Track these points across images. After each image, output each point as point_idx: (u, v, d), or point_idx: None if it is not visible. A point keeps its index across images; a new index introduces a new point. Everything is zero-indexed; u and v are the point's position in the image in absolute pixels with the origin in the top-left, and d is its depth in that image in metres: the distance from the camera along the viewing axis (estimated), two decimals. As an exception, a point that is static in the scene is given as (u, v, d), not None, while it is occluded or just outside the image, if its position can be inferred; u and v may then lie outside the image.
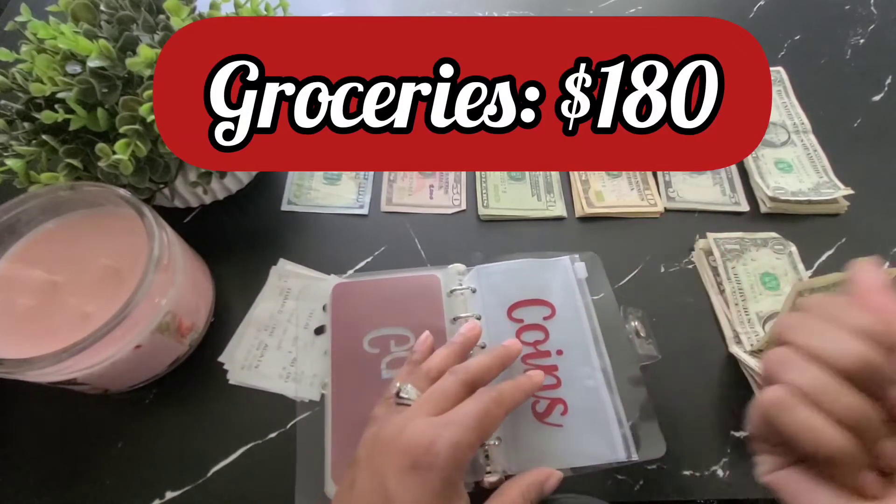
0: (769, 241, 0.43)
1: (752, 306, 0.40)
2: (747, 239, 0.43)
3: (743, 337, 0.39)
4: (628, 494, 0.35)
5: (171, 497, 0.35)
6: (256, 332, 0.41)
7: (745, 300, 0.40)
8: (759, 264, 0.42)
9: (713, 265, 0.41)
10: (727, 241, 0.42)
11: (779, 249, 0.42)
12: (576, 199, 0.48)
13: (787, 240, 0.43)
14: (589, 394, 0.37)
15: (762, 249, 0.42)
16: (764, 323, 0.39)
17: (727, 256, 0.41)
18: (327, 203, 0.48)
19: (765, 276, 0.41)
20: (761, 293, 0.40)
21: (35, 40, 0.37)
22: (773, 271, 0.41)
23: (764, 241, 0.43)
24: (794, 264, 0.42)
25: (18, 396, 0.38)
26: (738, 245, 0.42)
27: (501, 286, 0.41)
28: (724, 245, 0.42)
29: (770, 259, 0.42)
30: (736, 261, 0.41)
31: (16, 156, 0.36)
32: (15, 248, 0.36)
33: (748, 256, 0.42)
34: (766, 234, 0.43)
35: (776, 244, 0.43)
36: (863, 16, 0.64)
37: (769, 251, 0.42)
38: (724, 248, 0.42)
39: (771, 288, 0.41)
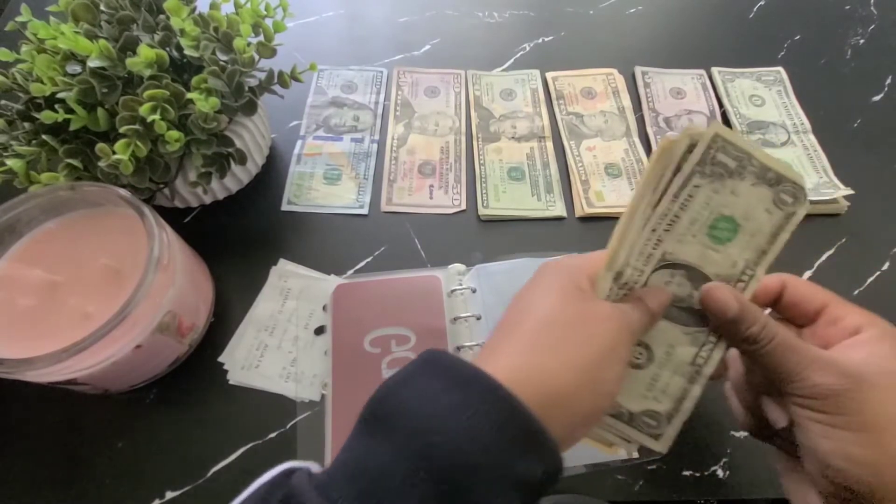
0: (785, 182, 0.25)
1: (668, 242, 0.26)
2: (755, 164, 0.25)
3: (628, 271, 0.26)
4: (628, 494, 0.35)
5: (171, 497, 0.35)
6: (256, 332, 0.41)
7: (669, 231, 0.26)
8: (733, 202, 0.25)
9: (681, 165, 0.25)
10: (726, 149, 0.25)
11: (782, 201, 0.25)
12: (576, 199, 0.48)
13: (806, 194, 0.25)
14: (589, 394, 0.37)
15: (761, 188, 0.25)
16: (659, 267, 0.26)
17: (704, 170, 0.25)
18: (327, 203, 0.48)
19: (723, 220, 0.26)
20: (695, 235, 0.26)
21: (35, 40, 0.37)
22: (742, 221, 0.26)
23: (777, 179, 0.25)
24: (778, 229, 0.26)
25: (18, 396, 0.38)
26: (736, 163, 0.25)
27: (501, 286, 0.41)
28: (718, 153, 0.24)
29: (757, 207, 0.25)
30: (710, 181, 0.25)
31: (16, 156, 0.36)
32: (15, 248, 0.36)
33: (731, 186, 0.25)
34: (790, 174, 0.25)
35: (788, 191, 0.25)
36: (863, 16, 0.64)
37: (767, 195, 0.25)
38: (715, 156, 0.25)
39: (713, 237, 0.26)
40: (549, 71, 0.58)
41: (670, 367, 0.27)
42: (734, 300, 0.25)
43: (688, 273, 0.26)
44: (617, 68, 0.58)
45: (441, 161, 0.51)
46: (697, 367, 0.27)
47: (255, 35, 0.40)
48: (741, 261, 0.26)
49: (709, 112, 0.55)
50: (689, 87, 0.57)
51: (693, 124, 0.22)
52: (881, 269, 0.45)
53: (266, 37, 0.40)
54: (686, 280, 0.26)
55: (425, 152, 0.51)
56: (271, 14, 0.41)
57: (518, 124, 0.53)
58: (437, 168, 0.50)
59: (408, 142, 0.52)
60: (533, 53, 0.60)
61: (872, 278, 0.45)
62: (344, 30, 0.61)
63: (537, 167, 0.50)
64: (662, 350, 0.27)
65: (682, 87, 0.57)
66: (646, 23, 0.63)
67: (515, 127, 0.53)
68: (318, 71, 0.56)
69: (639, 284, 0.26)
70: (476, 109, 0.54)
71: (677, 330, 0.27)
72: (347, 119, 0.53)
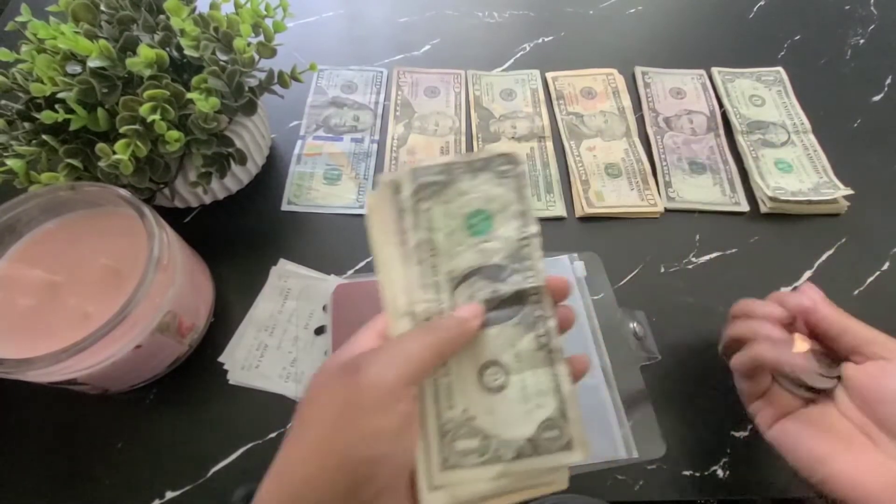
0: (493, 160, 0.27)
1: (443, 264, 0.26)
2: (459, 166, 0.27)
3: (420, 307, 0.25)
4: (628, 494, 0.35)
5: (170, 497, 0.35)
6: (256, 333, 0.41)
7: (436, 255, 0.26)
8: (468, 199, 0.27)
9: (400, 206, 0.26)
10: (428, 172, 0.26)
11: (504, 172, 0.27)
12: (576, 199, 0.48)
13: (519, 155, 0.27)
14: (589, 393, 0.37)
15: (480, 175, 0.27)
16: (456, 286, 0.26)
17: (421, 195, 0.26)
18: (327, 203, 0.48)
19: (473, 216, 0.27)
20: (461, 243, 0.26)
21: (35, 40, 0.37)
22: (487, 206, 0.27)
23: (486, 162, 0.27)
24: (520, 190, 0.27)
25: (18, 396, 0.38)
26: (444, 175, 0.26)
27: (501, 286, 0.41)
28: (423, 177, 0.26)
29: (489, 189, 0.27)
30: (435, 199, 0.26)
31: (16, 156, 0.36)
32: (15, 248, 0.36)
33: (455, 190, 0.26)
34: (489, 153, 0.27)
35: (502, 163, 0.27)
36: (863, 16, 0.64)
37: (489, 176, 0.27)
38: (422, 181, 0.26)
39: (477, 233, 0.26)
40: (549, 71, 0.58)
41: (527, 365, 0.25)
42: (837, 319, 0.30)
43: (481, 273, 0.26)
44: (617, 68, 0.58)
45: (441, 161, 0.51)
46: (545, 346, 0.25)
47: (255, 35, 0.40)
48: (512, 231, 0.26)
49: (709, 112, 0.55)
50: (689, 87, 0.57)
51: (388, 173, 0.24)
52: (881, 269, 0.45)
53: (266, 37, 0.40)
54: (483, 280, 0.26)
55: (425, 152, 0.51)
56: (271, 14, 0.41)
57: (518, 124, 0.53)
58: (437, 168, 0.50)
59: (408, 142, 0.52)
60: (533, 53, 0.60)
61: (872, 278, 0.45)
62: (344, 30, 0.61)
63: (537, 167, 0.50)
64: (510, 356, 0.25)
65: (682, 87, 0.57)
66: (646, 23, 0.63)
67: (515, 127, 0.53)
68: (318, 71, 0.56)
69: (446, 313, 0.25)
70: (476, 109, 0.54)
71: (508, 328, 0.26)
72: (347, 119, 0.53)
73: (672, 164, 0.51)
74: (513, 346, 0.25)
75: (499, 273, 0.26)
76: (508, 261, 0.26)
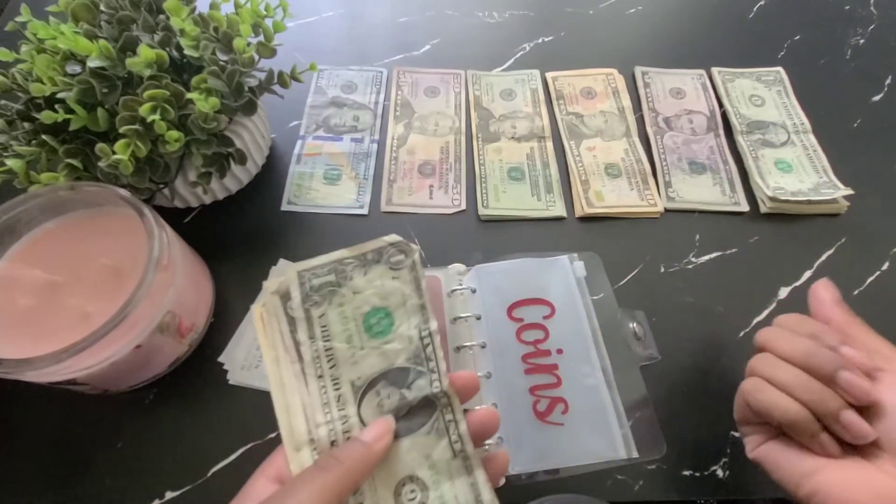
0: (385, 251, 0.25)
1: (346, 373, 0.24)
2: (350, 262, 0.25)
3: (322, 430, 0.23)
4: (628, 494, 0.35)
5: (170, 497, 0.35)
6: (256, 333, 0.41)
7: (337, 365, 0.24)
8: (364, 298, 0.25)
9: (291, 315, 0.24)
10: (316, 273, 0.24)
11: (397, 263, 0.25)
12: (576, 199, 0.48)
13: (411, 244, 0.26)
14: (589, 392, 0.37)
15: (374, 269, 0.25)
16: (361, 396, 0.24)
17: (313, 299, 0.24)
18: (327, 203, 0.48)
19: (371, 316, 0.25)
20: (363, 347, 0.25)
21: (35, 40, 0.37)
22: (385, 303, 0.25)
23: (377, 254, 0.25)
24: (416, 282, 0.25)
25: (18, 396, 0.38)
26: (334, 275, 0.24)
27: (501, 286, 0.41)
28: (312, 280, 0.24)
29: (384, 283, 0.25)
30: (328, 303, 0.24)
31: (16, 156, 0.36)
32: (15, 248, 0.36)
33: (348, 290, 0.25)
34: (380, 244, 0.25)
35: (394, 253, 0.25)
36: (863, 16, 0.64)
37: (383, 269, 0.25)
38: (312, 284, 0.24)
39: (378, 334, 0.25)
40: (549, 71, 0.58)
41: (444, 476, 0.24)
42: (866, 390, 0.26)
43: (387, 378, 0.24)
44: (617, 68, 0.58)
45: (441, 161, 0.51)
46: (461, 452, 0.24)
47: (255, 35, 0.40)
48: (413, 331, 0.25)
49: (709, 112, 0.55)
50: (689, 87, 0.57)
51: (273, 280, 0.22)
52: (881, 269, 0.45)
53: (266, 37, 0.40)
54: (390, 387, 0.24)
55: (425, 152, 0.51)
56: (271, 14, 0.41)
57: (518, 124, 0.53)
58: (436, 168, 0.50)
59: (408, 142, 0.52)
60: (533, 53, 0.60)
61: (872, 278, 0.45)
62: (344, 30, 0.61)
63: (537, 167, 0.50)
64: (425, 469, 0.24)
65: (682, 87, 0.57)
66: (646, 23, 0.63)
67: (515, 127, 0.53)
68: (317, 71, 0.56)
69: (354, 429, 0.23)
70: (476, 109, 0.54)
71: (420, 438, 0.24)
72: (347, 119, 0.53)
73: (672, 164, 0.51)
74: (427, 457, 0.24)
75: (404, 378, 0.24)
76: (412, 363, 0.25)
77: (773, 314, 0.43)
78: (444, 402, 0.24)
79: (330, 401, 0.24)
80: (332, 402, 0.24)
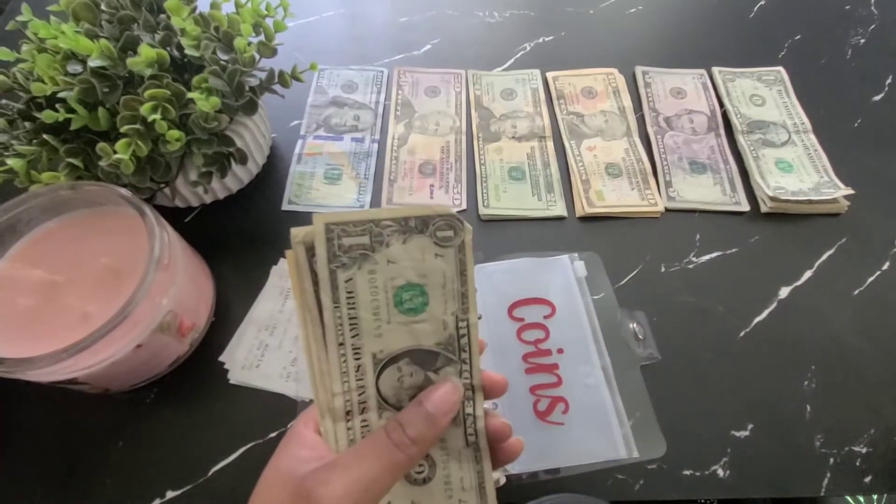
0: (431, 221, 0.22)
1: (368, 344, 0.22)
2: (388, 225, 0.22)
3: (338, 400, 0.22)
4: (628, 494, 0.35)
5: (171, 497, 0.35)
6: (257, 332, 0.41)
7: (360, 335, 0.22)
8: (399, 269, 0.22)
9: (315, 272, 0.21)
10: (347, 231, 0.21)
11: (444, 239, 0.22)
12: (576, 199, 0.48)
13: (465, 222, 0.22)
14: (589, 392, 0.37)
15: (415, 240, 0.22)
16: (382, 368, 0.23)
17: (341, 260, 0.21)
18: (328, 203, 0.48)
19: (405, 290, 0.22)
20: (390, 321, 0.22)
21: (36, 40, 0.37)
22: (423, 280, 0.22)
23: (422, 223, 0.22)
24: (461, 265, 0.22)
25: (18, 396, 0.38)
26: (368, 237, 0.22)
27: (502, 285, 0.41)
28: (342, 238, 0.21)
29: (424, 258, 0.22)
30: (358, 267, 0.22)
31: (17, 155, 0.36)
32: (15, 247, 0.36)
33: (382, 257, 0.22)
34: (428, 211, 0.22)
35: (442, 227, 0.22)
36: (863, 16, 0.65)
37: (426, 242, 0.22)
38: (341, 242, 0.21)
39: (409, 311, 0.23)
40: (549, 70, 0.58)
41: (454, 459, 0.24)
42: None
43: (411, 358, 0.23)
44: (617, 68, 0.58)
45: (441, 161, 0.51)
46: (473, 444, 0.24)
47: (256, 35, 0.40)
48: (449, 317, 0.23)
49: (709, 112, 0.55)
50: (690, 86, 0.57)
51: (302, 227, 0.20)
52: (881, 269, 0.45)
53: (267, 36, 0.40)
54: (414, 365, 0.23)
55: (426, 152, 0.51)
56: (272, 14, 0.41)
57: (518, 124, 0.53)
58: (437, 168, 0.50)
59: (408, 141, 0.52)
60: (533, 53, 0.60)
61: (872, 278, 0.45)
62: (344, 29, 0.61)
63: (538, 167, 0.50)
64: (437, 448, 0.24)
65: (683, 87, 0.57)
66: (646, 22, 0.63)
67: (516, 126, 0.53)
68: (318, 71, 0.56)
69: (370, 401, 0.23)
70: (476, 109, 0.54)
71: None
72: (348, 119, 0.53)
73: (672, 164, 0.51)
74: (442, 440, 0.24)
75: (431, 361, 0.23)
76: (442, 348, 0.23)
77: (773, 314, 0.43)
78: (467, 395, 0.24)
79: (349, 370, 0.22)
80: (350, 371, 0.22)
